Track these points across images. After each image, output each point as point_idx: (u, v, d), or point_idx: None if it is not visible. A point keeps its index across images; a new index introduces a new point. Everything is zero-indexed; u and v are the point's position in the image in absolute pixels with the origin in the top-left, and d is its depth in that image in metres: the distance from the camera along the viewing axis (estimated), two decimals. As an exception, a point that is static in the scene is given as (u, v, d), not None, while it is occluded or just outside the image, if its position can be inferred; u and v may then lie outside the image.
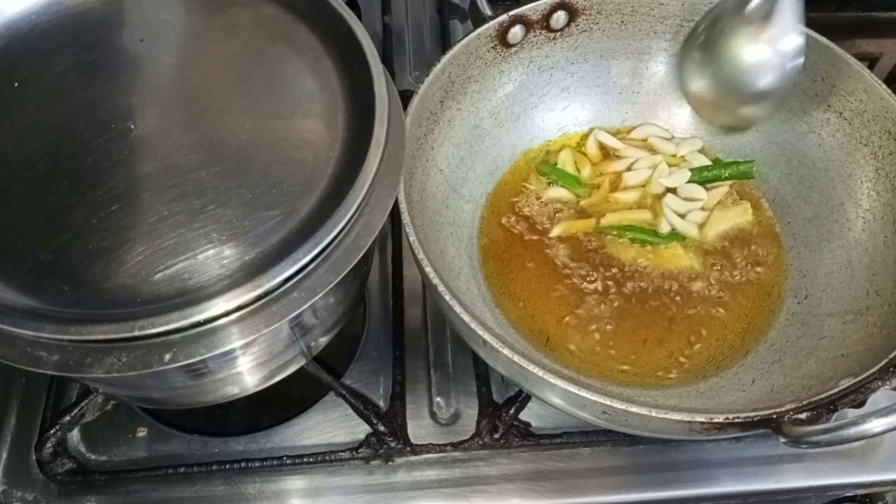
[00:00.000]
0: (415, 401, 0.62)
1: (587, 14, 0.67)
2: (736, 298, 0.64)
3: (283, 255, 0.40)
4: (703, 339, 0.61)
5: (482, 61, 0.65)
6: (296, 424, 0.61)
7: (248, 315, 0.40)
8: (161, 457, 0.60)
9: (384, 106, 0.46)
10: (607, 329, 0.62)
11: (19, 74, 0.49)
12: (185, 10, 0.53)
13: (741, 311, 0.63)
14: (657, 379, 0.60)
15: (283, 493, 0.58)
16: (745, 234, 0.67)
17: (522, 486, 0.58)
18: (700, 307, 0.63)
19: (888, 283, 0.57)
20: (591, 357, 0.61)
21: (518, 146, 0.71)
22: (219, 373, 0.50)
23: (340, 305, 0.55)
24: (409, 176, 0.59)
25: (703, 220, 0.67)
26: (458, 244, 0.65)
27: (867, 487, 0.61)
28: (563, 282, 0.64)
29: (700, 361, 0.60)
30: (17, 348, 0.40)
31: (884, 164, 0.61)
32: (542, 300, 0.63)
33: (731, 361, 0.60)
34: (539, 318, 0.62)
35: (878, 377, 0.47)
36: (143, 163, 0.45)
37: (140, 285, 0.41)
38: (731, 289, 0.64)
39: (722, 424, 0.44)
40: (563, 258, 0.65)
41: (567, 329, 0.62)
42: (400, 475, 0.59)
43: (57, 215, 0.43)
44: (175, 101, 0.49)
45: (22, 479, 0.60)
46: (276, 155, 0.46)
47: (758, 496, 0.59)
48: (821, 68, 0.63)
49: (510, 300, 0.63)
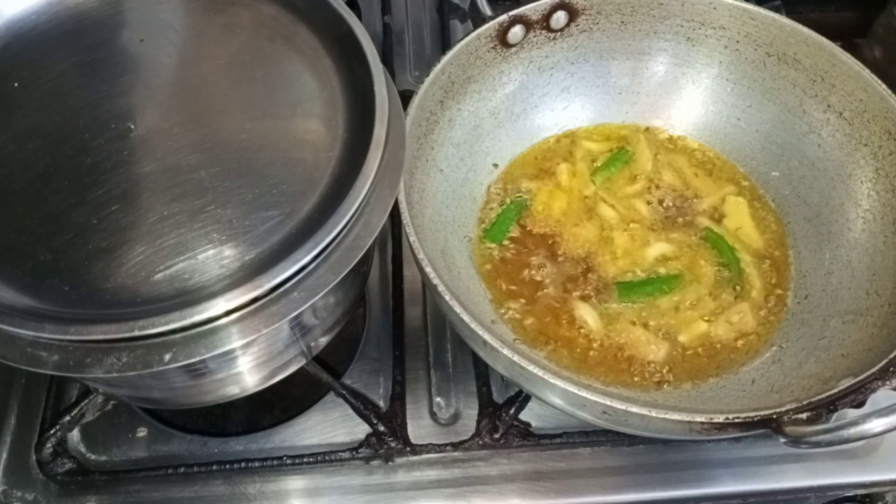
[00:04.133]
0: (415, 401, 0.62)
1: (587, 14, 0.67)
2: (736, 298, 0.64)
3: (283, 255, 0.40)
4: (704, 339, 0.61)
5: (482, 61, 0.65)
6: (296, 424, 0.61)
7: (248, 315, 0.40)
8: (161, 457, 0.60)
9: (384, 106, 0.46)
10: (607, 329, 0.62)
11: (19, 74, 0.49)
12: (185, 10, 0.53)
13: (741, 310, 0.63)
14: (657, 379, 0.60)
15: (283, 493, 0.58)
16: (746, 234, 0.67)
17: (522, 486, 0.58)
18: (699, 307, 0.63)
19: (888, 283, 0.57)
20: (590, 357, 0.61)
21: (518, 146, 0.72)
22: (219, 373, 0.50)
23: (340, 305, 0.55)
24: (409, 176, 0.59)
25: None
26: (458, 244, 0.65)
27: (867, 487, 0.61)
28: (562, 282, 0.64)
29: (700, 362, 0.60)
30: (17, 348, 0.40)
31: (884, 164, 0.61)
32: (542, 300, 0.63)
33: (732, 362, 0.60)
34: (539, 317, 0.62)
35: (878, 377, 0.47)
36: (143, 163, 0.45)
37: (140, 285, 0.41)
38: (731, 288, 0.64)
39: (722, 424, 0.44)
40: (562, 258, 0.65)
41: (567, 329, 0.62)
42: (400, 475, 0.59)
43: (57, 215, 0.43)
44: (175, 101, 0.49)
45: (22, 479, 0.60)
46: (276, 155, 0.46)
47: (758, 496, 0.59)
48: (821, 68, 0.63)
49: (510, 300, 0.63)
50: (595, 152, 0.72)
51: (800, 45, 0.64)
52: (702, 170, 0.71)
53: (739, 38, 0.67)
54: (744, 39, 0.67)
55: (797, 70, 0.65)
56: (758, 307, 0.63)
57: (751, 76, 0.68)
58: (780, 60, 0.66)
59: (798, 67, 0.65)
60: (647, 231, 0.67)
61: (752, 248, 0.66)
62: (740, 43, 0.67)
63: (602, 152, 0.72)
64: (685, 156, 0.72)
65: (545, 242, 0.66)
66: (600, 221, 0.68)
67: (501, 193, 0.69)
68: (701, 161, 0.72)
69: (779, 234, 0.67)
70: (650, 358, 0.60)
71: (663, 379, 0.59)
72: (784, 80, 0.66)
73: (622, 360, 0.60)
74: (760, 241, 0.67)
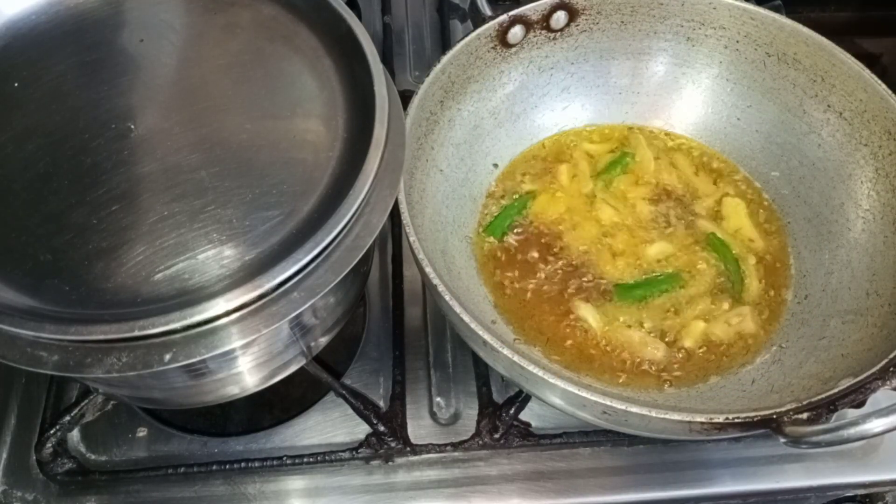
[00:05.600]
0: (415, 401, 0.62)
1: (587, 14, 0.67)
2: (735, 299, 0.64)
3: (283, 255, 0.40)
4: (703, 339, 0.61)
5: (482, 61, 0.65)
6: (296, 424, 0.61)
7: (248, 315, 0.40)
8: (161, 457, 0.60)
9: (384, 106, 0.46)
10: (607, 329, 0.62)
11: (19, 74, 0.49)
12: (185, 10, 0.53)
13: (741, 312, 0.63)
14: (657, 379, 0.60)
15: (283, 493, 0.58)
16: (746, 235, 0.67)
17: (522, 486, 0.58)
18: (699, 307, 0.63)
19: (888, 283, 0.57)
20: (590, 357, 0.61)
21: (518, 146, 0.72)
22: (219, 373, 0.50)
23: (340, 305, 0.55)
24: (409, 176, 0.59)
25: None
26: (458, 244, 0.65)
27: (867, 487, 0.60)
28: (562, 283, 0.64)
29: (700, 361, 0.60)
30: (17, 348, 0.40)
31: (884, 164, 0.60)
32: (542, 301, 0.63)
33: (732, 362, 0.60)
34: (539, 317, 0.62)
35: (878, 377, 0.46)
36: (143, 163, 0.45)
37: (140, 285, 0.41)
38: (731, 288, 0.64)
39: (722, 424, 0.44)
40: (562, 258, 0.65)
41: (567, 329, 0.62)
42: (400, 475, 0.59)
43: (57, 215, 0.43)
44: (175, 101, 0.49)
45: (22, 479, 0.60)
46: (276, 155, 0.46)
47: (758, 496, 0.59)
48: (821, 68, 0.63)
49: (510, 300, 0.63)
50: (595, 153, 0.72)
51: (800, 45, 0.64)
52: (702, 170, 0.71)
53: (739, 38, 0.67)
54: (744, 39, 0.67)
55: (797, 70, 0.65)
56: (758, 308, 0.63)
57: (751, 76, 0.68)
58: (780, 60, 0.66)
59: (798, 67, 0.65)
60: (646, 231, 0.67)
61: (751, 249, 0.66)
62: (740, 43, 0.67)
63: (602, 153, 0.72)
64: (685, 156, 0.72)
65: (545, 242, 0.66)
66: (600, 221, 0.68)
67: (501, 193, 0.69)
68: (701, 161, 0.72)
69: (779, 234, 0.67)
70: (650, 358, 0.60)
71: (663, 379, 0.59)
72: (784, 80, 0.66)
73: (622, 360, 0.60)
74: (760, 241, 0.67)
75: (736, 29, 0.66)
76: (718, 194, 0.69)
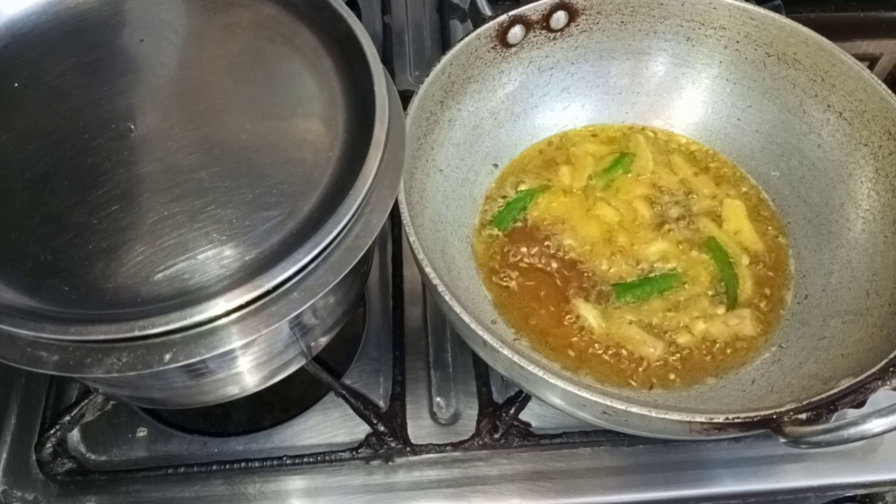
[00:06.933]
0: (415, 401, 0.62)
1: (587, 14, 0.67)
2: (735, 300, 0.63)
3: (283, 255, 0.40)
4: (703, 338, 0.61)
5: (482, 61, 0.65)
6: (296, 424, 0.61)
7: (248, 315, 0.40)
8: (161, 457, 0.60)
9: (384, 106, 0.46)
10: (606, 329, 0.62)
11: (19, 74, 0.49)
12: (185, 10, 0.53)
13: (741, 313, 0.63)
14: (657, 379, 0.60)
15: (283, 493, 0.58)
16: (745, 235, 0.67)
17: (522, 486, 0.58)
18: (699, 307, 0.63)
19: (888, 283, 0.57)
20: (591, 356, 0.61)
21: (518, 146, 0.72)
22: (219, 373, 0.50)
23: (340, 305, 0.55)
24: (409, 176, 0.59)
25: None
26: (458, 244, 0.65)
27: (867, 487, 0.61)
28: (562, 283, 0.64)
29: (700, 361, 0.60)
30: (17, 348, 0.40)
31: (884, 164, 0.61)
32: (542, 300, 0.63)
33: (731, 362, 0.60)
34: (539, 317, 0.62)
35: (878, 377, 0.46)
36: (143, 163, 0.45)
37: (140, 285, 0.41)
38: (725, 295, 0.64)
39: (722, 424, 0.44)
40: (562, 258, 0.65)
41: (567, 329, 0.62)
42: (400, 475, 0.59)
43: (57, 215, 0.43)
44: (175, 101, 0.49)
45: (22, 479, 0.60)
46: (276, 155, 0.46)
47: (758, 496, 0.59)
48: (821, 68, 0.63)
49: (510, 300, 0.63)
50: (595, 153, 0.72)
51: (800, 45, 0.64)
52: (701, 170, 0.71)
53: (739, 38, 0.67)
54: (744, 39, 0.67)
55: (797, 70, 0.65)
56: (757, 308, 0.63)
57: (751, 76, 0.68)
58: (780, 60, 0.66)
59: (798, 67, 0.65)
60: (646, 231, 0.67)
61: (751, 250, 0.66)
62: (740, 43, 0.67)
63: (602, 153, 0.72)
64: (685, 156, 0.72)
65: (545, 242, 0.66)
66: (600, 221, 0.68)
67: (502, 193, 0.69)
68: (701, 161, 0.72)
69: (779, 234, 0.67)
70: (650, 357, 0.60)
71: (663, 378, 0.59)
72: (784, 80, 0.66)
73: (622, 360, 0.60)
74: (760, 241, 0.67)
75: (736, 29, 0.66)
76: (718, 195, 0.69)
